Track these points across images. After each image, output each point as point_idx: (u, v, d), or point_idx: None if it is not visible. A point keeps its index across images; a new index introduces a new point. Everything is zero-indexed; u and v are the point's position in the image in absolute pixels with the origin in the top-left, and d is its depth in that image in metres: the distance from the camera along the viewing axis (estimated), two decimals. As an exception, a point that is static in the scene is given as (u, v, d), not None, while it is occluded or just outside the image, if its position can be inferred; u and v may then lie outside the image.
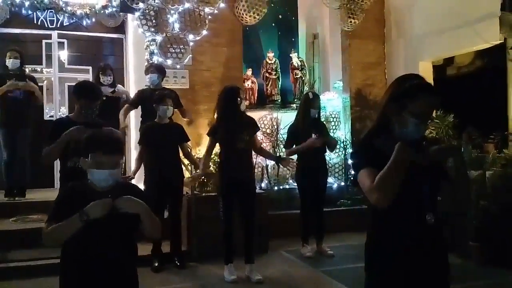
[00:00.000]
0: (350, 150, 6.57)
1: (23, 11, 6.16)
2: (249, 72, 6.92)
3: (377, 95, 6.73)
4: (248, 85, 6.76)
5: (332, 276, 4.26)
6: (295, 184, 5.24)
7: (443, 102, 2.06)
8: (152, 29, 5.57)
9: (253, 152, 4.35)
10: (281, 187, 6.10)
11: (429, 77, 6.48)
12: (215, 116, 6.09)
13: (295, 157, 4.88)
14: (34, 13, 6.31)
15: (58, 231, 2.04)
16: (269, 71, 6.99)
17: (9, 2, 5.99)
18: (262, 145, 4.31)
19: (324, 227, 5.03)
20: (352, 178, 5.98)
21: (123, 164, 2.15)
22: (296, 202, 5.37)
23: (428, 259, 1.78)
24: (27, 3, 6.07)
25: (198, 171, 4.50)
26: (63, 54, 6.64)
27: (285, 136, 6.21)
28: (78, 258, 2.10)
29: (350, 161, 6.38)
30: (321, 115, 5.25)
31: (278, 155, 5.67)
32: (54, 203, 2.20)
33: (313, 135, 4.72)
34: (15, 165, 5.49)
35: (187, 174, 5.06)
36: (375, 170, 1.72)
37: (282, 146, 6.29)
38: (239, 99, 4.13)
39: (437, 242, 1.81)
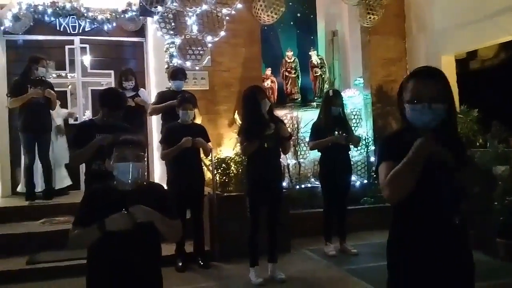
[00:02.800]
0: (372, 148, 6.51)
1: (46, 18, 6.29)
2: (268, 71, 6.92)
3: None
4: (267, 84, 6.75)
5: (355, 275, 4.23)
6: (317, 183, 5.22)
7: (466, 97, 2.03)
8: (171, 32, 5.63)
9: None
10: (302, 186, 6.09)
11: (451, 71, 6.36)
12: (235, 116, 6.19)
13: (318, 155, 4.86)
14: (57, 19, 6.43)
15: (80, 237, 2.13)
16: (289, 70, 6.97)
17: (32, 9, 6.14)
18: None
19: (347, 226, 4.99)
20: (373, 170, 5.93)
21: (145, 164, 2.22)
22: (318, 200, 5.35)
23: (451, 257, 1.74)
24: (49, 10, 6.21)
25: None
26: (86, 59, 6.76)
27: (305, 135, 6.22)
28: (103, 260, 2.15)
29: (373, 158, 6.33)
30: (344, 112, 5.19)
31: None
32: (79, 207, 2.27)
33: (336, 133, 4.71)
34: (39, 170, 5.61)
35: (208, 175, 5.10)
36: (395, 164, 1.69)
37: (302, 145, 6.29)
38: (260, 98, 4.08)
39: (461, 239, 1.78)
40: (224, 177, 5.23)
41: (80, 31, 6.65)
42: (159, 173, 6.04)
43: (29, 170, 5.61)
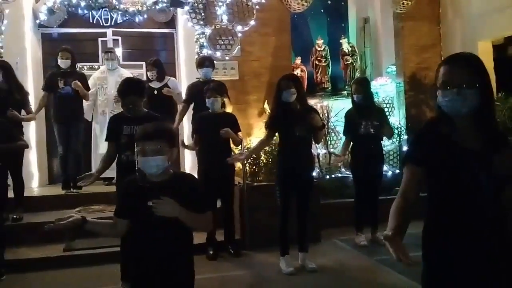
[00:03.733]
0: (405, 137, 6.37)
1: (79, 11, 6.43)
2: (298, 60, 6.86)
3: (433, 79, 6.43)
4: (297, 73, 6.69)
5: (387, 265, 4.17)
6: (348, 173, 5.16)
7: (504, 84, 1.96)
8: (201, 22, 5.65)
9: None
10: (333, 176, 6.03)
11: (488, 58, 6.14)
12: (265, 105, 6.18)
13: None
14: (90, 12, 6.56)
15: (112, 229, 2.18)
16: (319, 58, 6.90)
17: (66, 3, 6.28)
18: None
19: (379, 216, 4.92)
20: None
21: (173, 155, 2.19)
22: (349, 190, 5.29)
23: (488, 248, 1.69)
24: (83, 3, 6.34)
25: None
26: (118, 51, 6.86)
27: (336, 124, 6.16)
28: (136, 248, 2.19)
29: (405, 148, 6.20)
30: (373, 100, 5.08)
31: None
32: (117, 199, 2.32)
33: (363, 124, 4.64)
34: (70, 159, 5.76)
35: (238, 164, 5.11)
36: (417, 170, 1.72)
37: (333, 134, 6.23)
38: (285, 87, 4.05)
39: (498, 231, 1.72)
40: (254, 167, 5.23)
41: (113, 24, 6.75)
42: (190, 163, 6.12)
43: (63, 160, 5.78)
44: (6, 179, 4.30)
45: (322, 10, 7.30)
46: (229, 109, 5.15)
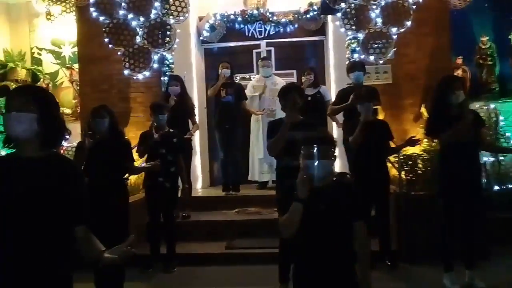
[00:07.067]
0: None
1: (236, 26, 6.91)
2: (459, 60, 6.35)
3: None
4: (458, 74, 6.19)
5: None
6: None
7: None
8: (353, 27, 5.58)
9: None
10: (503, 187, 5.38)
11: None
12: (421, 110, 5.83)
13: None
14: (245, 26, 6.99)
15: (287, 219, 2.21)
16: (483, 57, 6.29)
17: (225, 19, 6.80)
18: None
19: None
20: None
21: (334, 161, 2.22)
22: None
23: None
24: (239, 18, 6.81)
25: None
26: (271, 61, 7.16)
27: (506, 129, 5.54)
28: (306, 245, 2.23)
29: None
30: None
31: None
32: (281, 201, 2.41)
33: None
34: (229, 163, 6.15)
35: (392, 172, 4.91)
36: None
37: (503, 140, 5.58)
38: (453, 89, 3.77)
39: None
40: (410, 175, 4.95)
41: (266, 35, 7.08)
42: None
43: (224, 164, 6.21)
44: (177, 182, 4.78)
45: (486, 4, 6.65)
46: (381, 115, 4.99)
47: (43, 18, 7.12)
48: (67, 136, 5.54)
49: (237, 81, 6.46)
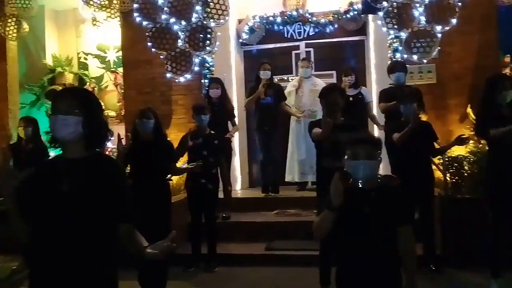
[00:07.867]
0: None
1: (275, 27, 6.92)
2: (507, 58, 6.09)
3: None
4: (506, 73, 5.95)
5: None
6: None
7: None
8: (396, 26, 5.46)
9: None
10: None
11: None
12: (467, 110, 5.64)
13: None
14: (285, 27, 6.99)
15: (320, 223, 2.20)
16: (535, 54, 6.00)
17: (264, 21, 6.83)
18: None
19: None
20: None
21: (379, 162, 2.19)
22: None
23: None
24: (279, 19, 6.82)
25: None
26: (311, 62, 7.10)
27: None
28: (349, 249, 2.20)
29: None
30: None
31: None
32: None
33: None
34: (269, 165, 6.15)
35: (437, 174, 4.78)
36: None
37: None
38: (502, 89, 3.63)
39: None
40: (456, 177, 4.80)
41: (305, 36, 7.04)
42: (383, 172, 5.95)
43: (264, 165, 6.22)
44: (218, 183, 4.84)
45: (537, -1, 6.33)
46: (423, 116, 4.86)
47: (89, 24, 7.36)
48: (110, 138, 5.71)
49: (277, 83, 6.45)
